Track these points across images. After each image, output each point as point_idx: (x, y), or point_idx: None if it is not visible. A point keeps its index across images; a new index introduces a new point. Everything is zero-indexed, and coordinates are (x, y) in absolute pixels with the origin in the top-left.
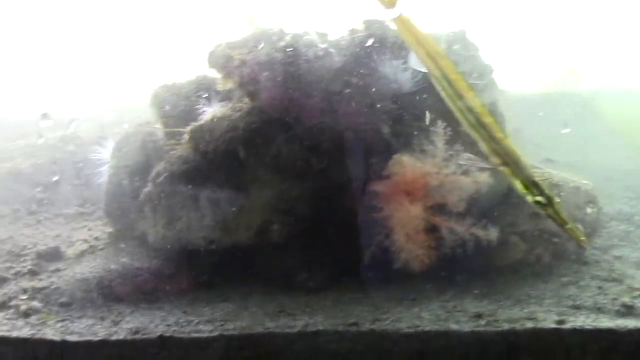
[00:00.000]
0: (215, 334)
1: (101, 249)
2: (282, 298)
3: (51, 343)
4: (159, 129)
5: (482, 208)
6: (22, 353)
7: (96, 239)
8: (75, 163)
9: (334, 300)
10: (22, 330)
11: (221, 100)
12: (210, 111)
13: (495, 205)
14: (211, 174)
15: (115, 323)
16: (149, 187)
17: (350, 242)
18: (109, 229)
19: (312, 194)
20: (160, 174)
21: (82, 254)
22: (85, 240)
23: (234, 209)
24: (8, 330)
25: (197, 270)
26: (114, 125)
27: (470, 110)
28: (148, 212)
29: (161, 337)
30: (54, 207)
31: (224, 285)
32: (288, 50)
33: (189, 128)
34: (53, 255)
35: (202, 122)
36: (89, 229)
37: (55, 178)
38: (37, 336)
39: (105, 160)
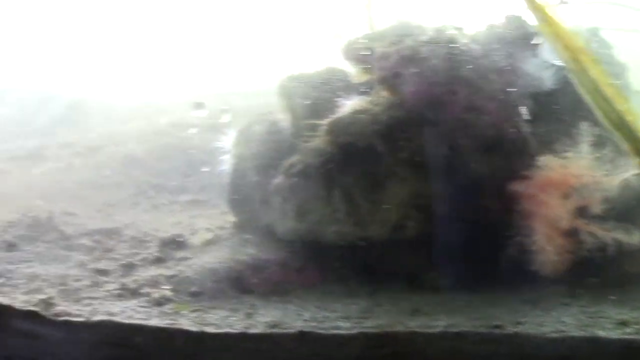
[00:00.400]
0: (355, 331)
1: (226, 239)
2: (411, 296)
3: (188, 333)
4: (286, 119)
5: (621, 211)
6: (159, 342)
7: (219, 228)
8: (186, 150)
9: (466, 300)
10: (158, 319)
11: (355, 93)
12: (350, 104)
13: (632, 209)
14: (347, 168)
15: (250, 315)
16: (279, 179)
17: (483, 242)
18: (232, 219)
19: (450, 191)
20: (293, 166)
21: (207, 243)
22: (208, 229)
23: (369, 203)
24: (144, 319)
25: (325, 264)
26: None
27: (612, 108)
28: (277, 203)
29: (301, 332)
30: (171, 193)
31: (351, 280)
32: (432, 44)
33: (327, 120)
34: (177, 242)
35: (341, 114)
36: (207, 217)
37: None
38: (175, 326)
39: (226, 148)
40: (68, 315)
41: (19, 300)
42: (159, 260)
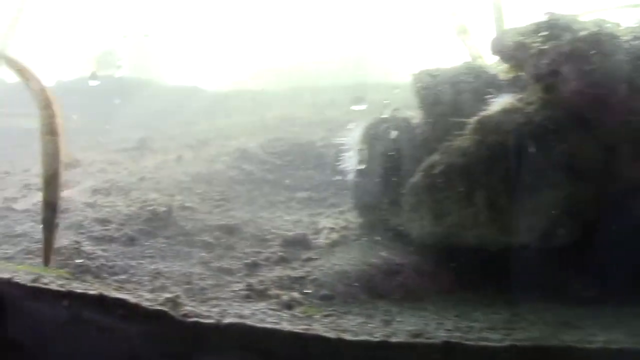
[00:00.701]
0: (505, 343)
1: (354, 240)
2: (556, 307)
3: (325, 340)
4: (418, 116)
5: None
6: (294, 348)
7: (343, 228)
8: (300, 144)
9: (618, 314)
10: (290, 323)
11: (501, 90)
12: (499, 102)
13: None
14: (493, 169)
15: (387, 323)
16: (416, 178)
17: (636, 253)
18: (356, 219)
19: (604, 197)
20: (434, 166)
21: (333, 243)
22: (333, 229)
23: (515, 208)
24: (276, 323)
25: (460, 269)
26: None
27: None
28: (411, 204)
29: (447, 343)
30: (286, 190)
31: (488, 288)
32: (592, 40)
33: (474, 119)
34: (301, 242)
35: (489, 113)
36: (327, 216)
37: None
38: (310, 331)
39: (350, 145)
40: (197, 317)
41: (144, 298)
42: (283, 260)
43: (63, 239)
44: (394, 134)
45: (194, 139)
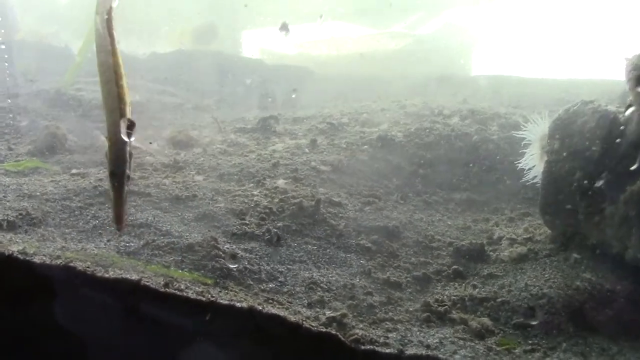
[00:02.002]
0: None
1: (546, 256)
2: None
3: None
4: (632, 112)
5: None
6: None
7: (528, 239)
8: (451, 137)
9: None
10: (487, 358)
11: None
12: None
13: None
14: None
15: None
16: (637, 186)
17: None
18: (547, 230)
19: None
20: None
21: (519, 258)
22: (514, 240)
23: None
24: (473, 357)
25: None
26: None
27: None
28: (623, 218)
29: None
30: (441, 188)
31: None
32: None
33: None
34: (477, 254)
35: None
36: (497, 223)
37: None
38: None
39: (532, 140)
40: (372, 343)
41: (303, 315)
42: (459, 276)
43: (195, 233)
44: (593, 131)
45: (324, 122)
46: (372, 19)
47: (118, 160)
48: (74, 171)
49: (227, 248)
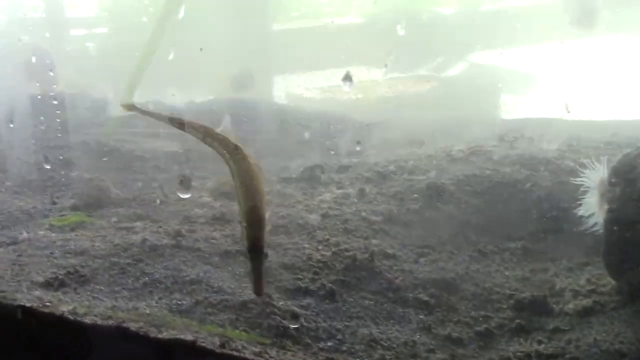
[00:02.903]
0: None
1: (614, 309)
2: None
3: None
4: None
5: None
6: None
7: (592, 291)
8: (500, 184)
9: None
10: None
11: None
12: None
13: None
14: None
15: None
16: None
17: None
18: (611, 281)
19: None
20: None
21: (585, 311)
22: (578, 292)
23: None
24: None
25: None
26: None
27: None
28: None
29: None
30: (494, 237)
31: None
32: None
33: None
34: (539, 306)
35: None
36: (559, 275)
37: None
38: None
39: (591, 186)
40: None
41: None
42: (522, 330)
43: (248, 290)
44: None
45: (371, 170)
46: (395, 63)
47: (258, 239)
48: (119, 225)
49: (282, 304)
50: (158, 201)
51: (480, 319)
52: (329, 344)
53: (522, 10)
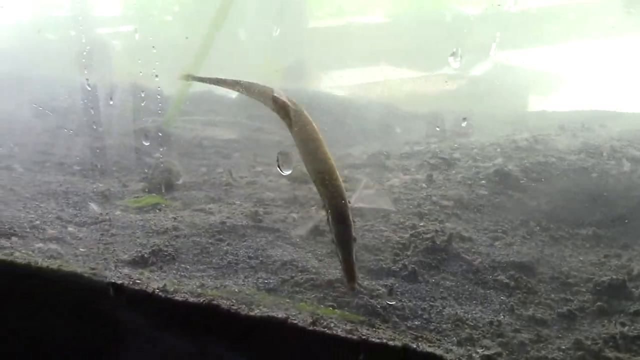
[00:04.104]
0: None
1: None
2: None
3: None
4: None
5: None
6: None
7: None
8: (569, 171)
9: None
10: None
11: None
12: None
13: None
14: None
15: None
16: None
17: None
18: None
19: None
20: None
21: None
22: None
23: None
24: None
25: None
26: None
27: None
28: None
29: None
30: (565, 224)
31: None
32: None
33: None
34: (618, 289)
35: None
36: (629, 260)
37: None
38: None
39: None
40: None
41: (455, 353)
42: (604, 313)
43: (332, 269)
44: None
45: (435, 157)
46: (419, 62)
47: (346, 227)
48: (195, 207)
49: (367, 284)
50: (230, 182)
51: (561, 301)
52: (416, 322)
53: (548, 10)
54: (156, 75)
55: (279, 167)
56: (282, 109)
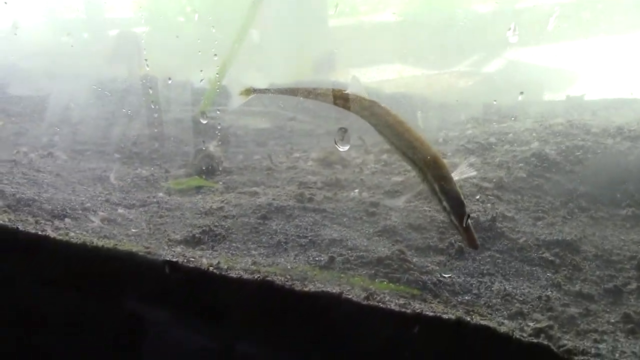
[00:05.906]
0: None
1: None
2: None
3: None
4: None
5: None
6: None
7: None
8: (607, 155)
9: None
10: None
11: None
12: None
13: None
14: None
15: None
16: None
17: None
18: None
19: None
20: None
21: None
22: None
23: None
24: None
25: None
26: None
27: None
28: None
29: None
30: (603, 205)
31: None
32: None
33: None
34: None
35: None
36: None
37: None
38: None
39: None
40: (585, 354)
41: (507, 326)
42: None
43: (381, 247)
44: None
45: (471, 142)
46: (432, 60)
47: (461, 202)
48: (239, 190)
49: (416, 260)
50: (271, 167)
51: (606, 277)
52: (466, 297)
53: (561, 7)
54: (201, 70)
55: (335, 143)
56: (350, 101)
